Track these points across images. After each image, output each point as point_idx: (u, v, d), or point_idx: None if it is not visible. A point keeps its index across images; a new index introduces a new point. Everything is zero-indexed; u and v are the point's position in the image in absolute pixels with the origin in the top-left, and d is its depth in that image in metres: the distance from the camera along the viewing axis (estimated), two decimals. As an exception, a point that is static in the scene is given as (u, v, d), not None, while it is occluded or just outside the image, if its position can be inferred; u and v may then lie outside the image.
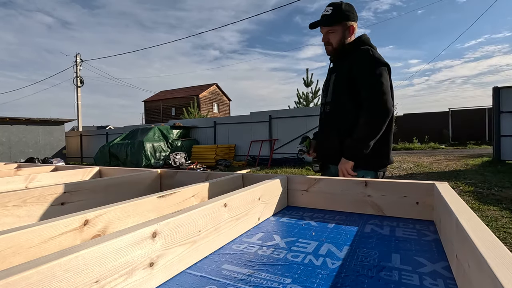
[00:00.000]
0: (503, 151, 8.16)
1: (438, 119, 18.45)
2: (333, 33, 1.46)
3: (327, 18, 1.46)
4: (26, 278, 0.38)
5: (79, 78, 19.39)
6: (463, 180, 5.84)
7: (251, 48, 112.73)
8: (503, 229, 3.10)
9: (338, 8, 1.44)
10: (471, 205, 4.06)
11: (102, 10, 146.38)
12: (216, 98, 36.84)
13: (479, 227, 0.53)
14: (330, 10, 1.45)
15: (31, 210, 0.99)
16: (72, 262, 0.43)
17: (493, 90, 8.22)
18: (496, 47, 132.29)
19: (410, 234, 0.85)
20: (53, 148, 13.76)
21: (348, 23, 1.45)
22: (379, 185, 1.06)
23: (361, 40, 1.49)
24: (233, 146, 11.52)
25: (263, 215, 1.02)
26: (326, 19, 1.46)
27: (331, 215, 1.07)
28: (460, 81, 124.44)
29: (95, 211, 0.73)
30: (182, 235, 0.65)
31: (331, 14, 1.44)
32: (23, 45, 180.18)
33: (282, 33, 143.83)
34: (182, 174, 1.54)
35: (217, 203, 0.78)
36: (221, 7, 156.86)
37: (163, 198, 0.94)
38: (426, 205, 0.99)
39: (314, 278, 0.60)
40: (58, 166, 2.11)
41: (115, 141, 11.04)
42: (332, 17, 1.44)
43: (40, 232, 0.60)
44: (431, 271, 0.63)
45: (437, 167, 8.05)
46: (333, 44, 1.48)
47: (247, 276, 0.61)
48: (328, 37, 1.47)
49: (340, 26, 1.44)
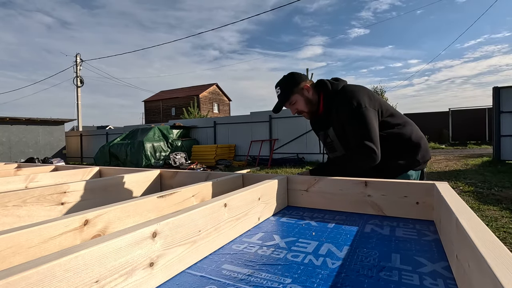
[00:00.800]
0: (503, 151, 8.15)
1: (438, 119, 18.46)
2: (296, 103, 1.50)
3: (281, 97, 1.52)
4: (26, 278, 0.38)
5: (79, 78, 19.39)
6: (463, 180, 5.84)
7: (251, 48, 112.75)
8: (503, 229, 3.10)
9: (283, 84, 1.51)
10: (471, 205, 4.06)
11: (102, 10, 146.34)
12: (216, 98, 36.84)
13: (479, 227, 0.53)
14: (278, 90, 1.52)
15: (31, 210, 0.99)
16: (72, 262, 0.43)
17: (493, 90, 8.22)
18: (496, 47, 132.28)
19: (410, 234, 0.85)
20: (53, 148, 13.75)
21: (300, 86, 1.49)
22: (379, 185, 1.06)
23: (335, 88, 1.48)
24: (233, 146, 11.52)
25: (263, 215, 1.02)
26: (281, 99, 1.52)
27: (331, 215, 1.07)
28: (459, 81, 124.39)
29: (95, 211, 0.73)
30: (182, 235, 0.65)
31: (282, 92, 1.51)
32: (23, 45, 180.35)
33: (281, 33, 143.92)
34: (182, 174, 1.54)
35: (217, 203, 0.77)
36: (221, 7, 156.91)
37: (163, 198, 0.94)
38: (426, 205, 0.99)
39: (314, 278, 0.60)
40: (58, 166, 2.11)
41: (115, 141, 11.04)
42: (284, 93, 1.50)
43: (40, 232, 0.60)
44: (431, 271, 0.62)
45: (437, 167, 8.05)
46: (304, 109, 1.52)
47: (247, 276, 0.61)
48: (296, 108, 1.52)
49: (296, 94, 1.49)
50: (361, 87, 1.48)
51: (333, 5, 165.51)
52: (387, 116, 1.42)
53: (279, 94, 1.52)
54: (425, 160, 1.45)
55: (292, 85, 1.49)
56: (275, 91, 1.55)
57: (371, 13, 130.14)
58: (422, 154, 1.43)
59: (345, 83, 1.52)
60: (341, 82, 1.52)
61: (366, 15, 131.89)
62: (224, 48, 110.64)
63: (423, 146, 1.45)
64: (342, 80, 1.53)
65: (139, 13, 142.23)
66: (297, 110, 1.53)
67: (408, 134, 1.42)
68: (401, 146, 1.41)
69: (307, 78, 1.54)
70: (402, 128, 1.42)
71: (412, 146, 1.42)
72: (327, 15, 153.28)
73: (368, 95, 1.41)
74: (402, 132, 1.42)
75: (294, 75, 1.53)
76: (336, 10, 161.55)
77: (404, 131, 1.42)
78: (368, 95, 1.42)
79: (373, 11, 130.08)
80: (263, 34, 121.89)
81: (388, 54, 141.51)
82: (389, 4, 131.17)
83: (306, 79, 1.54)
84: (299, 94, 1.49)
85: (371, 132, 1.30)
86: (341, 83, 1.50)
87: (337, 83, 1.49)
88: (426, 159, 1.46)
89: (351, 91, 1.42)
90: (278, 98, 1.54)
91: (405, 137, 1.41)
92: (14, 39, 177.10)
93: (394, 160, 1.40)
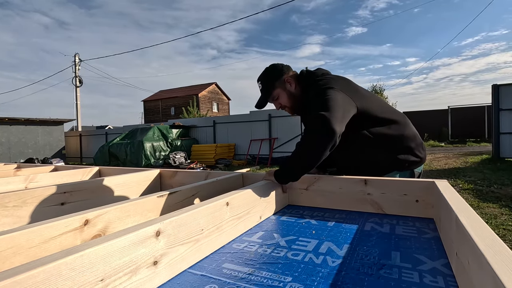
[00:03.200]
0: (502, 149, 8.16)
1: (438, 117, 18.47)
2: (278, 97, 1.42)
3: (264, 92, 1.43)
4: (33, 277, 0.38)
5: (78, 78, 19.34)
6: (462, 178, 5.85)
7: (249, 47, 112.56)
8: (503, 226, 3.11)
9: (265, 77, 1.42)
10: (471, 202, 4.07)
11: (99, 10, 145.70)
12: (216, 97, 36.79)
13: (479, 224, 0.53)
14: (260, 84, 1.44)
15: (31, 210, 0.99)
16: (78, 261, 0.43)
17: (492, 87, 8.22)
18: (493, 45, 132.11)
19: (410, 232, 0.85)
20: (52, 148, 13.73)
21: (282, 79, 1.40)
22: (379, 183, 1.07)
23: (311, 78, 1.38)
24: (233, 145, 11.51)
25: (264, 214, 1.02)
26: (264, 94, 1.43)
27: (331, 213, 1.07)
28: (458, 79, 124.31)
29: (96, 211, 0.73)
30: (185, 233, 0.65)
31: (264, 86, 1.42)
32: (21, 45, 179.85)
33: (279, 32, 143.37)
34: (182, 174, 1.54)
35: (219, 202, 0.78)
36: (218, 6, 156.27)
37: (163, 198, 0.94)
38: (426, 203, 0.99)
39: (315, 276, 0.60)
40: (58, 166, 2.11)
41: (115, 141, 11.03)
42: (266, 88, 1.42)
43: (40, 232, 0.60)
44: (431, 269, 0.63)
45: (436, 165, 8.05)
46: (287, 104, 1.43)
47: (248, 275, 0.61)
48: (279, 103, 1.43)
49: (278, 89, 1.40)
50: (341, 77, 1.37)
51: (330, 3, 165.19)
52: (370, 110, 1.26)
53: (260, 89, 1.44)
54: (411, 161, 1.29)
55: (273, 78, 1.40)
56: (257, 86, 1.46)
57: (368, 11, 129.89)
58: (407, 156, 1.28)
59: (326, 72, 1.41)
60: (322, 70, 1.41)
61: (363, 14, 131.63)
62: (222, 47, 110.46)
63: (414, 146, 1.30)
64: (324, 70, 1.43)
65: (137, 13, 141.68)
66: (280, 105, 1.44)
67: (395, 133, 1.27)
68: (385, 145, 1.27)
69: (289, 69, 1.44)
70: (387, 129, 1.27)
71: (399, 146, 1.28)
72: (324, 13, 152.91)
73: (345, 83, 1.30)
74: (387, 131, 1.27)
75: (275, 67, 1.44)
76: (333, 9, 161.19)
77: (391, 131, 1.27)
78: (347, 83, 1.30)
79: (370, 10, 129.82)
80: (261, 33, 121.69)
81: (386, 52, 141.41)
82: (386, 3, 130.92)
83: (289, 70, 1.43)
84: (281, 88, 1.40)
85: (333, 107, 1.09)
86: (320, 72, 1.40)
87: (317, 72, 1.39)
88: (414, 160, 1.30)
89: (327, 78, 1.31)
90: (261, 93, 1.45)
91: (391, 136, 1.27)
92: (12, 39, 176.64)
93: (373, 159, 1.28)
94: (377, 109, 1.29)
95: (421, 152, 1.34)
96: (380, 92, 21.31)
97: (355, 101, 1.21)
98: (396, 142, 1.28)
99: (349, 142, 1.24)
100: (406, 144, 1.29)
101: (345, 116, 1.13)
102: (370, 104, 1.27)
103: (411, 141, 1.30)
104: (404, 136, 1.29)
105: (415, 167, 1.33)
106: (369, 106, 1.26)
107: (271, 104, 1.47)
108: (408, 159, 1.29)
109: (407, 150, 1.29)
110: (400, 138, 1.28)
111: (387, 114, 1.30)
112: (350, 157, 1.31)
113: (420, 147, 1.34)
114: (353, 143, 1.27)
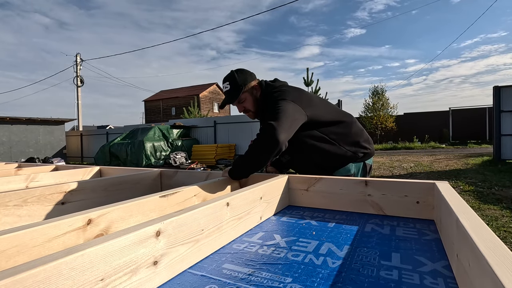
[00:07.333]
0: (503, 151, 8.14)
1: (439, 119, 18.46)
2: (245, 101, 1.47)
3: (230, 94, 1.46)
4: (33, 276, 0.38)
5: (79, 77, 19.38)
6: (463, 180, 5.84)
7: (248, 48, 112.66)
8: (504, 228, 3.10)
9: (233, 80, 1.45)
10: (472, 204, 4.06)
11: (99, 10, 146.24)
12: (216, 97, 36.81)
13: (480, 226, 0.53)
14: (228, 85, 1.46)
15: (32, 209, 0.99)
16: (78, 260, 0.43)
17: (493, 89, 8.20)
18: (493, 47, 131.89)
19: (410, 234, 0.86)
20: (53, 147, 13.75)
21: (250, 85, 1.46)
22: (380, 184, 1.07)
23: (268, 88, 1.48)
24: (234, 145, 11.51)
25: (264, 214, 1.02)
26: (230, 96, 1.47)
27: (331, 214, 1.07)
28: (458, 80, 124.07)
29: (99, 211, 0.73)
30: (185, 234, 0.65)
31: (231, 88, 1.45)
32: (21, 45, 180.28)
33: (278, 33, 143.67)
34: (183, 174, 1.54)
35: (220, 202, 0.78)
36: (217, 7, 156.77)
37: (165, 198, 0.95)
38: (426, 205, 0.99)
39: (315, 277, 0.60)
40: (59, 166, 2.11)
41: (116, 141, 11.04)
42: (233, 90, 1.45)
43: (44, 232, 0.60)
44: (431, 270, 0.63)
45: (437, 167, 8.04)
46: (251, 109, 1.49)
47: (248, 276, 0.61)
48: (243, 106, 1.49)
49: (246, 93, 1.46)
50: (295, 88, 1.48)
51: (328, 5, 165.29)
52: (319, 116, 1.40)
53: (227, 90, 1.47)
54: (361, 152, 1.46)
55: (243, 82, 1.45)
56: (223, 86, 1.49)
57: (366, 13, 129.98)
58: (357, 149, 1.45)
59: (284, 83, 1.51)
60: (279, 82, 1.52)
61: (361, 15, 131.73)
62: (222, 48, 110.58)
63: (361, 141, 1.47)
64: (281, 81, 1.54)
65: (136, 14, 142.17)
66: (244, 109, 1.50)
67: (344, 131, 1.44)
68: (337, 140, 1.42)
69: (255, 77, 1.53)
70: (336, 128, 1.43)
71: (349, 141, 1.45)
72: (323, 15, 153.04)
73: (298, 94, 1.41)
74: (336, 130, 1.43)
75: (246, 72, 1.50)
76: (331, 10, 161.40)
77: (340, 129, 1.44)
78: (298, 94, 1.41)
79: (369, 11, 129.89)
80: (260, 34, 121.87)
81: (385, 54, 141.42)
82: (384, 4, 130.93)
83: (255, 78, 1.52)
84: (248, 93, 1.46)
85: (281, 117, 1.21)
86: (278, 83, 1.50)
87: (274, 84, 1.49)
88: (364, 152, 1.47)
89: (282, 90, 1.42)
90: (225, 94, 1.49)
91: (340, 133, 1.43)
92: (13, 40, 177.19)
93: (327, 155, 1.40)
94: (326, 114, 1.45)
95: (369, 145, 1.52)
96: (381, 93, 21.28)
97: (305, 110, 1.35)
98: (345, 138, 1.45)
99: (303, 145, 1.41)
100: (355, 139, 1.47)
101: (293, 125, 1.27)
102: (319, 111, 1.42)
103: (359, 137, 1.49)
104: (352, 133, 1.47)
105: (366, 159, 1.50)
106: (318, 113, 1.41)
107: None
108: (359, 151, 1.46)
109: (356, 144, 1.47)
110: (348, 135, 1.46)
111: (335, 117, 1.47)
112: (305, 158, 1.47)
113: (367, 142, 1.52)
114: (307, 144, 1.41)
